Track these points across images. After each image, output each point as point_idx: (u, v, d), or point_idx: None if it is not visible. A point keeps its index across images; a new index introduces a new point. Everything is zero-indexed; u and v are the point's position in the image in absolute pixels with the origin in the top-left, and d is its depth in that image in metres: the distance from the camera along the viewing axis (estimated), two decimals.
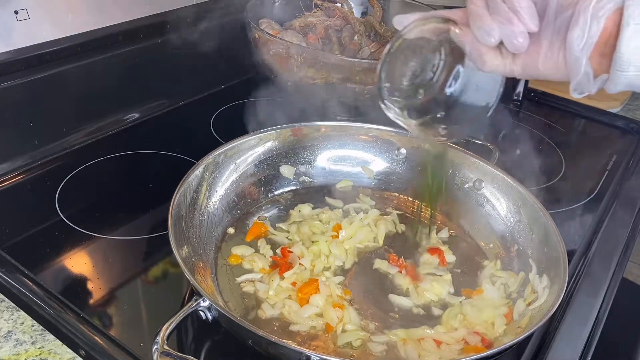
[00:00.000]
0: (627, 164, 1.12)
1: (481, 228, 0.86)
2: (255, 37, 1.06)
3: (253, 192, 0.88)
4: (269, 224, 0.85)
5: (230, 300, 0.71)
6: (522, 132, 1.23)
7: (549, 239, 0.75)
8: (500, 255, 0.82)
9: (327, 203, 0.90)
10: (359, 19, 1.25)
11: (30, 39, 0.91)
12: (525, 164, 0.99)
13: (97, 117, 1.04)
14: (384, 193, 0.94)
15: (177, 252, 0.64)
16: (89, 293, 0.71)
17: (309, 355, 0.56)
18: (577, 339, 0.71)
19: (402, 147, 0.94)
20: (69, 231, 0.81)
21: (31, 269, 0.72)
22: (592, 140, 1.22)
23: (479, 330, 0.70)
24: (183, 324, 0.63)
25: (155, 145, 1.02)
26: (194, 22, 1.17)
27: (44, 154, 0.96)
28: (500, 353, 0.60)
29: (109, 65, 1.04)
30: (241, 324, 0.58)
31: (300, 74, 1.02)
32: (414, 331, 0.70)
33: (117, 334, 0.65)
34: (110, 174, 0.95)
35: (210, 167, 0.82)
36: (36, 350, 0.63)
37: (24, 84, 0.91)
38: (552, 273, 0.71)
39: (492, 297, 0.75)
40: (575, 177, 1.08)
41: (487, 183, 0.88)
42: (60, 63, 0.96)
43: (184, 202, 0.75)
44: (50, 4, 0.92)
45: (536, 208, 0.79)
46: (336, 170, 0.95)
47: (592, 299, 0.77)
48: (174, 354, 0.55)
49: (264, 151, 0.90)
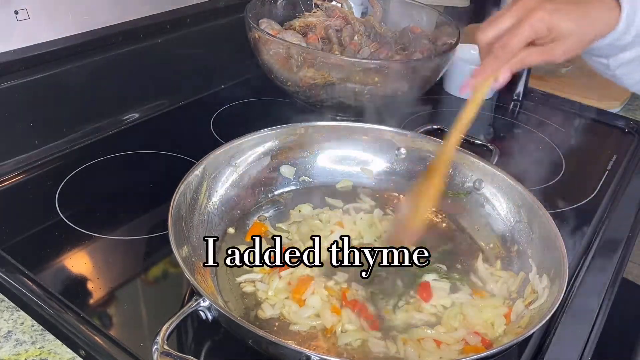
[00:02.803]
0: (627, 164, 1.12)
1: (481, 228, 0.86)
2: (255, 37, 1.06)
3: (253, 192, 0.88)
4: (269, 224, 0.85)
5: (230, 300, 0.71)
6: (522, 132, 1.23)
7: (549, 239, 0.75)
8: (500, 255, 0.82)
9: (327, 203, 0.90)
10: (359, 19, 1.25)
11: (30, 39, 0.91)
12: (525, 164, 0.99)
13: (97, 117, 1.04)
14: (384, 193, 0.94)
15: (177, 252, 0.64)
16: (89, 293, 0.71)
17: (309, 355, 0.56)
18: (577, 339, 0.71)
19: (402, 147, 0.94)
20: (69, 231, 0.81)
21: (31, 269, 0.72)
22: (592, 140, 1.22)
23: (479, 330, 0.70)
24: (183, 324, 0.63)
25: (155, 145, 1.02)
26: (193, 21, 1.17)
27: (44, 154, 0.96)
28: (500, 353, 0.60)
29: (109, 65, 1.04)
30: (241, 324, 0.58)
31: (300, 74, 1.02)
32: (414, 331, 0.70)
33: (117, 334, 0.65)
34: (110, 174, 0.95)
35: (210, 167, 0.82)
36: (36, 350, 0.63)
37: (24, 84, 0.91)
38: (552, 273, 0.71)
39: (493, 297, 0.75)
40: (575, 177, 1.08)
41: (487, 183, 0.88)
42: (60, 63, 0.96)
43: (184, 202, 0.75)
44: (50, 4, 0.92)
45: (536, 208, 0.79)
46: (336, 170, 0.95)
47: (592, 299, 0.77)
48: (174, 354, 0.55)
49: (264, 151, 0.90)
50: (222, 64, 1.23)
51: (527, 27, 0.68)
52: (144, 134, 1.07)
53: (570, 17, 0.69)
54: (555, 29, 0.69)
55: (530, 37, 0.69)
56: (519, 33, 0.69)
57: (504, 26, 0.71)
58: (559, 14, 0.69)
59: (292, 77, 1.04)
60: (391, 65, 1.02)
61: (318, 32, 1.16)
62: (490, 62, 0.71)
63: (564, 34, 0.69)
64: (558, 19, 0.69)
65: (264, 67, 1.09)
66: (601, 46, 0.73)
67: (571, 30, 0.69)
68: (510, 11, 0.71)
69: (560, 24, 0.69)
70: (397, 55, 1.15)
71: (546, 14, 0.68)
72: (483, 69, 0.72)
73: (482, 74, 0.72)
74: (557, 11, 0.69)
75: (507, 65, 0.70)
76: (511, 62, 0.70)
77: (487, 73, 0.72)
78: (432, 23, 1.26)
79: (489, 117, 1.27)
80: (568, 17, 0.69)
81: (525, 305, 0.71)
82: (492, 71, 0.71)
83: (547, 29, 0.68)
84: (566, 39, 0.70)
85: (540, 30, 0.68)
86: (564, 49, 0.70)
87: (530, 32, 0.68)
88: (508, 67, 0.71)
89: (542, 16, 0.68)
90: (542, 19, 0.68)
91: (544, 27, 0.68)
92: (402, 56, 1.15)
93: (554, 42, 0.70)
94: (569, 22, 0.69)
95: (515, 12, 0.70)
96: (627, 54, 0.75)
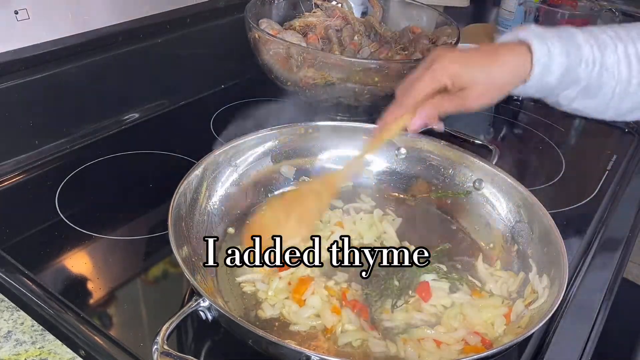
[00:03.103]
0: (627, 164, 1.12)
1: (481, 228, 0.86)
2: (255, 37, 1.06)
3: (253, 192, 0.88)
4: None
5: (230, 300, 0.71)
6: (522, 132, 1.23)
7: (549, 239, 0.75)
8: (500, 255, 0.82)
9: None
10: (359, 19, 1.25)
11: (30, 39, 0.91)
12: (525, 164, 0.99)
13: (97, 117, 1.04)
14: (384, 193, 0.94)
15: (177, 252, 0.64)
16: (89, 293, 0.71)
17: (309, 355, 0.56)
18: (577, 339, 0.71)
19: (402, 147, 0.94)
20: (69, 231, 0.81)
21: (31, 269, 0.72)
22: (592, 140, 1.22)
23: (479, 330, 0.70)
24: (183, 324, 0.63)
25: (155, 145, 1.02)
26: (193, 21, 1.17)
27: (44, 154, 0.96)
28: (500, 353, 0.60)
29: (109, 65, 1.04)
30: (241, 324, 0.58)
31: (300, 74, 1.02)
32: (414, 331, 0.70)
33: (117, 334, 0.65)
34: (110, 174, 0.95)
35: (210, 167, 0.82)
36: (36, 350, 0.63)
37: (24, 84, 0.91)
38: (552, 273, 0.71)
39: (492, 297, 0.75)
40: (575, 177, 1.08)
41: (487, 183, 0.88)
42: (60, 63, 0.96)
43: (184, 202, 0.75)
44: (50, 4, 0.92)
45: (536, 208, 0.79)
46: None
47: (592, 299, 0.77)
48: (174, 354, 0.55)
49: (264, 151, 0.90)
50: (222, 64, 1.23)
51: (428, 76, 0.71)
52: (144, 134, 1.07)
53: (475, 65, 0.71)
54: (458, 77, 0.71)
55: (432, 85, 0.71)
56: (421, 80, 0.72)
57: (414, 76, 0.74)
58: (463, 62, 0.71)
59: (292, 77, 1.04)
60: (391, 65, 1.02)
61: (318, 32, 1.16)
62: (395, 105, 0.75)
63: (470, 82, 0.71)
64: (461, 67, 0.71)
65: (264, 67, 1.09)
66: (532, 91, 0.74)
67: (475, 77, 0.71)
68: (423, 60, 0.74)
69: (463, 72, 0.71)
70: (397, 55, 1.15)
71: (449, 64, 0.71)
72: (390, 111, 0.75)
73: (390, 115, 0.75)
74: (461, 60, 0.72)
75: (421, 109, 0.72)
76: (425, 108, 0.72)
77: (394, 115, 0.74)
78: (432, 23, 1.26)
79: (489, 117, 1.27)
80: (473, 65, 0.71)
81: (525, 305, 0.71)
82: (398, 113, 0.74)
83: (448, 77, 0.71)
84: (475, 87, 0.71)
85: (442, 79, 0.71)
86: (475, 96, 0.72)
87: (431, 80, 0.71)
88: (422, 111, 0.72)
89: (444, 66, 0.71)
90: (443, 68, 0.71)
91: (445, 76, 0.71)
92: (402, 56, 1.15)
93: (462, 90, 0.71)
94: (474, 70, 0.71)
95: (424, 64, 0.73)
96: (570, 92, 0.74)
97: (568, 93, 0.74)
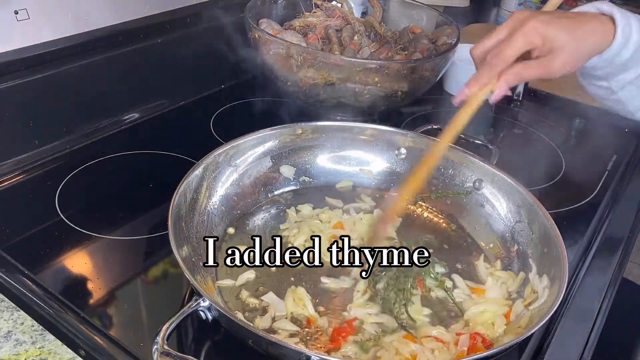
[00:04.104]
0: (627, 164, 1.12)
1: (481, 228, 0.86)
2: (255, 37, 1.06)
3: (253, 192, 0.88)
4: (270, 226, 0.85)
5: (230, 300, 0.71)
6: (522, 132, 1.23)
7: (549, 239, 0.75)
8: (500, 255, 0.82)
9: (327, 203, 0.90)
10: (359, 19, 1.25)
11: (30, 39, 0.91)
12: (525, 164, 0.99)
13: (97, 117, 1.04)
14: (384, 193, 0.94)
15: (177, 252, 0.64)
16: (89, 293, 0.71)
17: (309, 355, 0.56)
18: (577, 339, 0.71)
19: (402, 147, 0.94)
20: (69, 231, 0.81)
21: (31, 269, 0.72)
22: (592, 140, 1.22)
23: (479, 331, 0.70)
24: (183, 324, 0.63)
25: (155, 145, 1.02)
26: (193, 21, 1.17)
27: (44, 154, 0.96)
28: (500, 353, 0.60)
29: (109, 65, 1.04)
30: (241, 324, 0.58)
31: (300, 74, 1.02)
32: (414, 331, 0.69)
33: (117, 334, 0.65)
34: (110, 174, 0.95)
35: (210, 167, 0.82)
36: (36, 350, 0.63)
37: (24, 84, 0.91)
38: (552, 273, 0.71)
39: (493, 297, 0.75)
40: (575, 177, 1.08)
41: (487, 183, 0.88)
42: (60, 63, 0.96)
43: (184, 202, 0.75)
44: (50, 4, 0.92)
45: (536, 208, 0.79)
46: (336, 170, 0.95)
47: (592, 299, 0.77)
48: (174, 354, 0.55)
49: (264, 151, 0.90)
50: (222, 64, 1.23)
51: (520, 36, 0.69)
52: (144, 134, 1.07)
53: (564, 28, 0.70)
54: (549, 39, 0.69)
55: (524, 46, 0.69)
56: (512, 41, 0.69)
57: (498, 38, 0.71)
58: (553, 24, 0.70)
59: (292, 77, 1.04)
60: (391, 65, 1.02)
61: (318, 32, 1.16)
62: (484, 70, 0.71)
63: (559, 45, 0.70)
64: (552, 28, 0.69)
65: (264, 67, 1.09)
66: (601, 65, 0.73)
67: (565, 41, 0.70)
68: (504, 25, 0.72)
69: (554, 34, 0.69)
70: (397, 55, 1.15)
71: (539, 24, 0.69)
72: (477, 78, 0.72)
73: (476, 83, 0.72)
74: (551, 22, 0.70)
75: (503, 77, 0.70)
76: (508, 75, 0.70)
77: (481, 82, 0.71)
78: (432, 23, 1.26)
79: (489, 117, 1.27)
80: (562, 28, 0.70)
81: (525, 305, 0.71)
82: (486, 79, 0.71)
83: (540, 38, 0.69)
84: (562, 51, 0.70)
85: (534, 40, 0.69)
86: (561, 62, 0.70)
87: (523, 40, 0.69)
88: (505, 80, 0.70)
89: (535, 25, 0.69)
90: (535, 28, 0.69)
91: (537, 37, 0.69)
92: (402, 56, 1.15)
93: (550, 54, 0.70)
94: (563, 32, 0.70)
95: (509, 25, 0.71)
96: (628, 74, 0.74)
97: (625, 76, 0.74)
